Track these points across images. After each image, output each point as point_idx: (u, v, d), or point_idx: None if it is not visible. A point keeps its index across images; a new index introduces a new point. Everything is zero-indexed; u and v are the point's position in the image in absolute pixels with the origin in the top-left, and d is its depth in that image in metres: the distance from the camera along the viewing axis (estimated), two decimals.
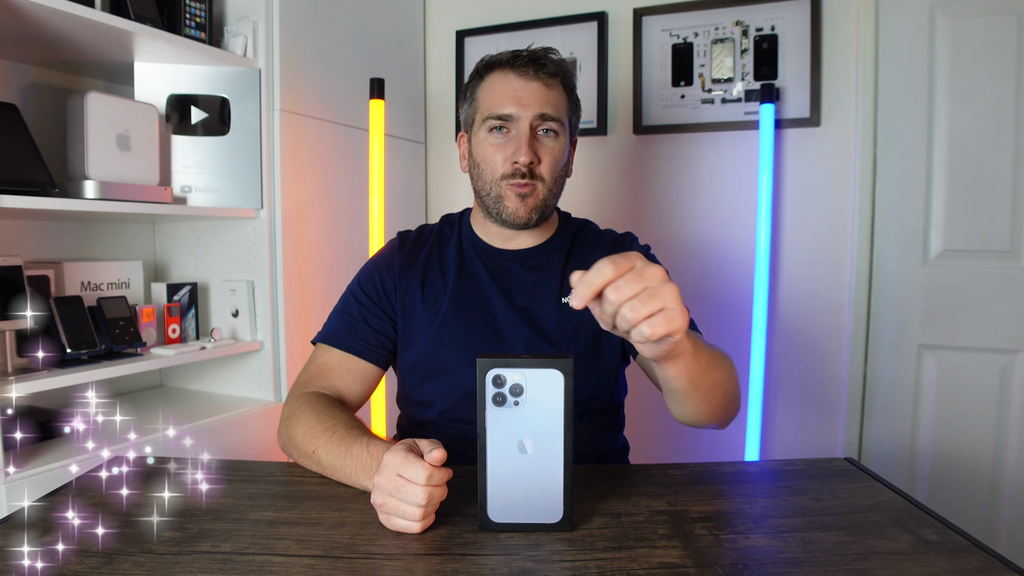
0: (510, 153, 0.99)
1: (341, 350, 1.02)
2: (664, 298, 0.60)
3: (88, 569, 0.63)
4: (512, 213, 1.01)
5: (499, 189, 1.01)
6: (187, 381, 1.78)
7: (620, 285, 0.60)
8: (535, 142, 0.99)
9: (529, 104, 0.99)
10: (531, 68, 0.99)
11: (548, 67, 1.00)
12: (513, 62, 1.00)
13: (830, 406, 1.88)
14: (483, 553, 0.67)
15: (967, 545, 0.67)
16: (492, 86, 1.02)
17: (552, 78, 1.01)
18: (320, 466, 0.87)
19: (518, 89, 0.99)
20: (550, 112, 0.99)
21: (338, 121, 1.85)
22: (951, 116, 1.73)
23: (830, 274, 1.86)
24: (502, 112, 0.99)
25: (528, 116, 0.98)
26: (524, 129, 0.99)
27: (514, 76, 1.00)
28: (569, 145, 1.06)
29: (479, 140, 1.03)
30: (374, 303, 1.06)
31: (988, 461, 1.73)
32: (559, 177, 1.03)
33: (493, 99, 1.01)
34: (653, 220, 2.03)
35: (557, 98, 1.01)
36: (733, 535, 0.70)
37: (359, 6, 1.93)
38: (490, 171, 1.01)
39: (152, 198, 1.43)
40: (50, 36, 1.31)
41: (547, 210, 1.03)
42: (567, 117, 1.03)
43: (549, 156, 1.00)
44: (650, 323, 0.60)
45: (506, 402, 0.69)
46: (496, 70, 1.02)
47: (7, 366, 1.25)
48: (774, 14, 1.86)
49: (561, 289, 1.04)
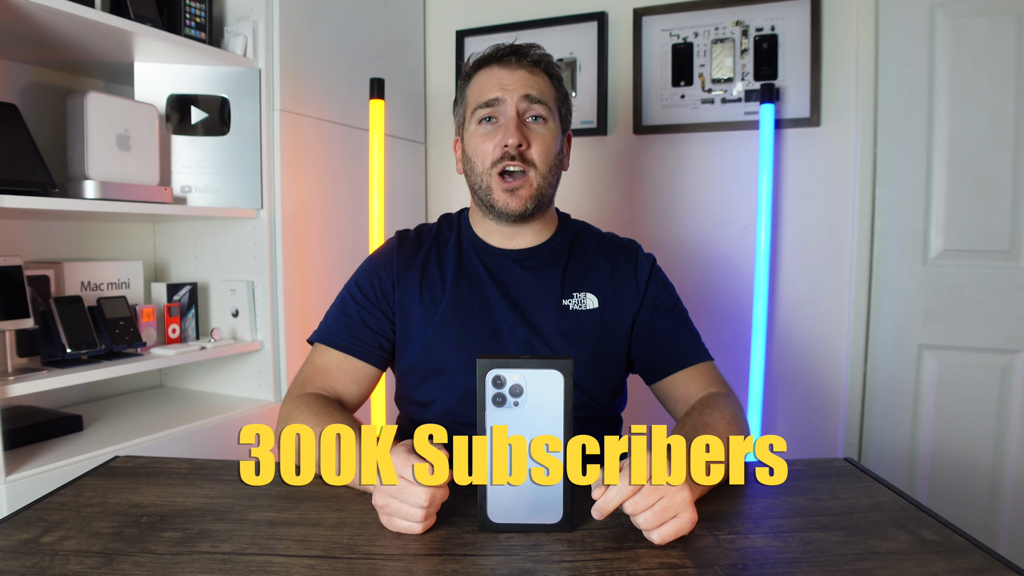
0: (499, 139, 0.99)
1: (339, 351, 1.02)
2: (677, 506, 0.67)
3: (88, 569, 0.63)
4: (503, 206, 1.00)
5: (489, 180, 1.00)
6: (187, 381, 1.78)
7: (637, 500, 0.67)
8: (523, 127, 1.00)
9: (513, 88, 0.99)
10: (514, 58, 1.01)
11: (530, 56, 1.01)
12: (496, 55, 1.02)
13: (830, 406, 1.88)
14: (483, 553, 0.67)
15: (967, 545, 0.67)
16: (478, 81, 1.04)
17: (535, 66, 1.02)
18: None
19: (502, 77, 1.01)
20: (535, 94, 1.00)
21: (338, 121, 1.85)
22: (951, 116, 1.73)
23: (830, 274, 1.86)
24: (488, 98, 1.00)
25: (513, 99, 0.99)
26: (511, 113, 0.99)
27: (498, 68, 1.02)
28: (562, 135, 1.05)
29: (470, 135, 1.04)
30: (372, 303, 1.05)
31: (988, 461, 1.73)
32: (553, 166, 1.03)
33: (479, 90, 1.02)
34: (653, 220, 2.03)
35: (542, 84, 1.02)
36: (733, 535, 0.70)
37: (359, 6, 1.93)
38: (481, 162, 1.01)
39: (152, 198, 1.43)
40: (50, 36, 1.32)
41: (543, 199, 1.02)
42: (555, 105, 1.03)
43: (539, 141, 1.00)
44: (660, 532, 0.67)
45: (506, 403, 0.69)
46: (482, 68, 1.04)
47: (7, 366, 1.25)
48: (774, 14, 1.86)
49: (561, 291, 1.04)
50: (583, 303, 1.03)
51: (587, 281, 1.05)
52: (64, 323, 1.32)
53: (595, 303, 1.04)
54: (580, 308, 1.03)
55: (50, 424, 1.32)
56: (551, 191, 1.04)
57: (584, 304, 1.03)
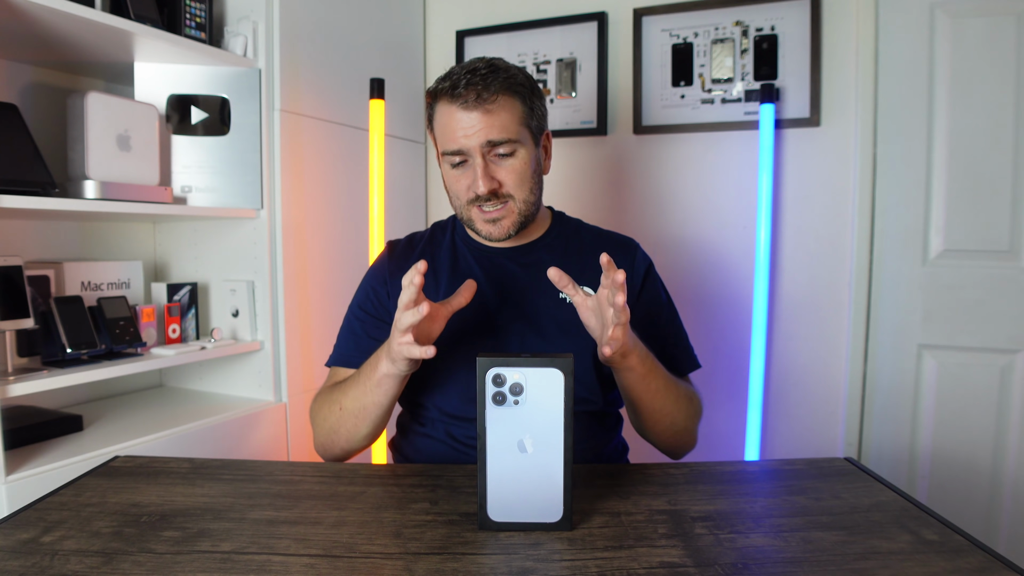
0: (470, 183, 1.00)
1: (351, 368, 1.06)
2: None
3: (88, 569, 0.62)
4: (487, 235, 1.03)
5: (469, 213, 1.03)
6: (187, 381, 1.78)
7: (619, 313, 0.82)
8: (492, 167, 0.99)
9: (474, 135, 0.97)
10: (471, 96, 0.96)
11: (488, 89, 0.96)
12: (452, 93, 0.98)
13: (830, 406, 1.88)
14: (483, 552, 0.67)
15: (967, 545, 0.67)
16: (440, 119, 1.01)
17: (493, 101, 0.97)
18: (352, 413, 0.97)
19: (461, 121, 0.98)
20: (496, 136, 0.97)
21: (338, 121, 1.85)
22: (951, 116, 1.73)
23: (830, 274, 1.86)
24: (452, 149, 1.00)
25: (476, 147, 0.98)
26: (477, 160, 0.98)
27: (456, 108, 0.98)
28: (537, 147, 1.05)
29: (445, 170, 1.05)
30: (372, 316, 1.09)
31: (988, 461, 1.73)
32: (532, 186, 1.03)
33: (443, 134, 1.01)
34: (653, 220, 2.03)
35: (504, 118, 0.98)
36: (733, 534, 0.70)
37: (359, 6, 1.93)
38: (457, 199, 1.04)
39: (152, 198, 1.43)
40: (50, 36, 1.32)
41: (526, 220, 1.04)
42: (523, 126, 1.00)
43: (511, 174, 1.00)
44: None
45: (506, 401, 0.69)
46: (440, 100, 1.01)
47: (7, 366, 1.25)
48: (774, 14, 1.86)
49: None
50: None
51: (585, 275, 1.06)
52: (64, 323, 1.32)
53: None
54: None
55: (50, 424, 1.32)
56: (535, 207, 1.05)
57: None
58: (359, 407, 0.96)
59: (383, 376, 0.91)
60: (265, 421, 1.62)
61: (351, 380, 0.99)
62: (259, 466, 0.93)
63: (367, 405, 0.95)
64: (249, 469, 0.91)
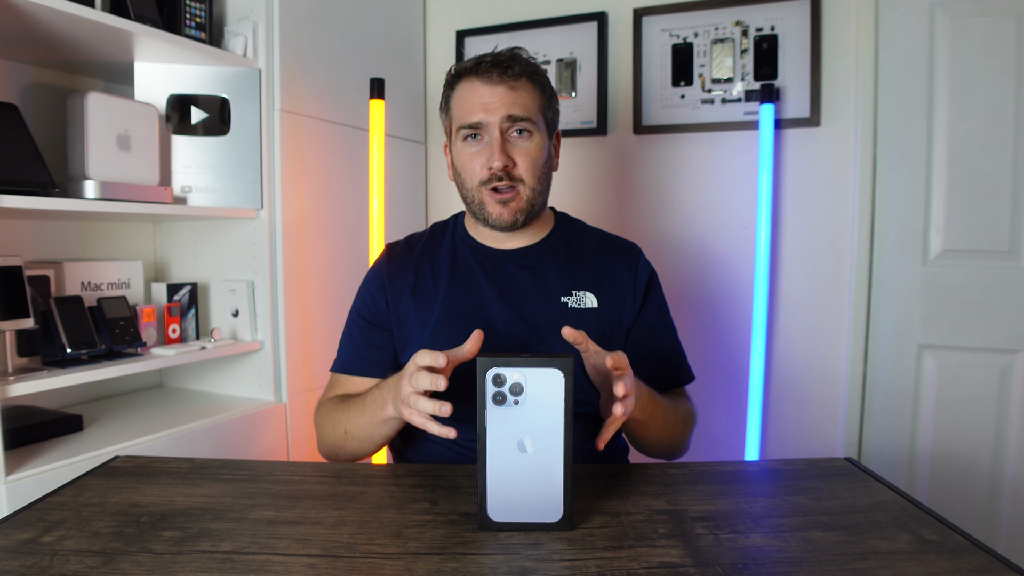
0: (485, 159, 1.00)
1: (353, 375, 1.08)
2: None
3: (88, 569, 0.62)
4: (496, 218, 1.02)
5: (480, 195, 1.03)
6: (187, 381, 1.78)
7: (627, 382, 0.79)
8: (508, 145, 1.00)
9: (495, 108, 0.99)
10: (495, 72, 0.99)
11: (512, 68, 1.00)
12: (477, 69, 1.01)
13: (830, 406, 1.88)
14: (483, 552, 0.67)
15: (967, 545, 0.67)
16: (461, 95, 1.03)
17: (517, 79, 1.00)
18: (356, 438, 0.97)
19: (484, 95, 1.00)
20: (518, 112, 0.99)
21: (338, 121, 1.85)
22: (951, 116, 1.73)
23: (830, 274, 1.86)
24: (471, 121, 1.00)
25: (496, 120, 0.99)
26: (495, 135, 0.99)
27: (479, 83, 1.00)
28: (549, 140, 1.06)
29: (457, 150, 1.05)
30: (370, 322, 1.09)
31: (988, 461, 1.73)
32: (542, 175, 1.04)
33: (462, 109, 1.02)
34: (653, 220, 2.03)
35: (526, 98, 1.01)
36: (733, 534, 0.70)
37: (359, 6, 1.93)
38: (470, 179, 1.03)
39: (152, 198, 1.43)
40: (50, 36, 1.32)
41: (533, 209, 1.04)
42: (540, 113, 1.03)
43: (525, 157, 1.01)
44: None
45: (506, 401, 0.69)
46: (464, 79, 1.03)
47: (7, 366, 1.25)
48: (774, 14, 1.86)
49: (561, 289, 1.04)
50: (582, 301, 1.04)
51: (586, 280, 1.06)
52: (64, 323, 1.32)
53: (594, 302, 1.04)
54: (580, 306, 1.04)
55: (50, 424, 1.32)
56: (542, 199, 1.06)
57: (584, 303, 1.04)
58: (364, 436, 0.97)
59: (388, 418, 0.91)
60: (265, 421, 1.62)
61: (356, 407, 0.98)
62: (259, 466, 0.93)
63: (372, 436, 0.97)
64: (249, 469, 0.91)
